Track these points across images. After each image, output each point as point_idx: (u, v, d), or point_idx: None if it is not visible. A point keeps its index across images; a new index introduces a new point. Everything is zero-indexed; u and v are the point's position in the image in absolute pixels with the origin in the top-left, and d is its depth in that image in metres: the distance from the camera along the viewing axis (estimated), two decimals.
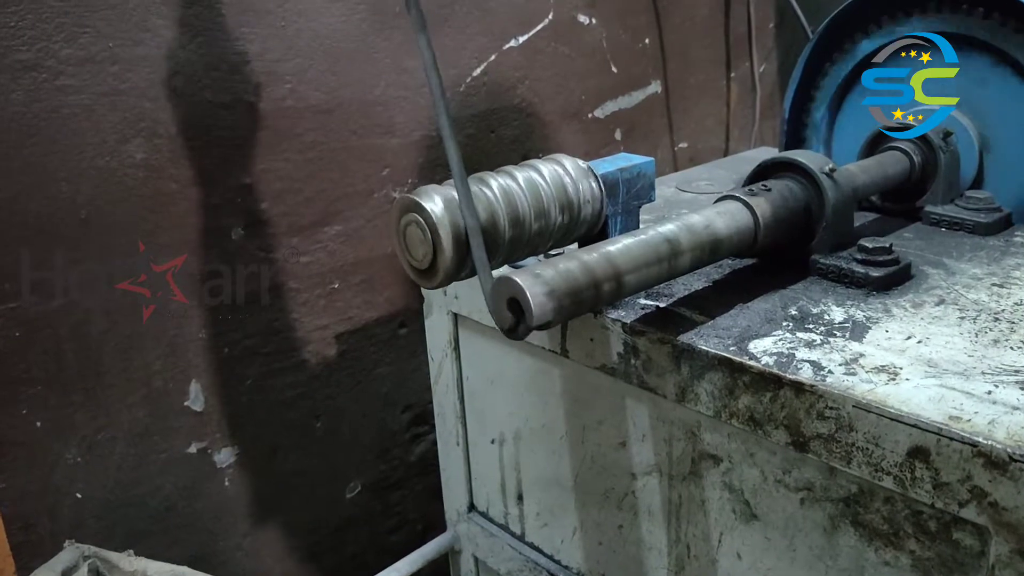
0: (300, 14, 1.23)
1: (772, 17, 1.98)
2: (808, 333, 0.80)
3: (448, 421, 1.19)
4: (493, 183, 0.81)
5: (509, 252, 0.82)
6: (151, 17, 1.10)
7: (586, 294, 0.70)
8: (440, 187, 0.79)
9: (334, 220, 1.35)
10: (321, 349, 1.40)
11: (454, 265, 0.76)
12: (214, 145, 1.19)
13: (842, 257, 0.92)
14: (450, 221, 0.75)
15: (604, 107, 1.71)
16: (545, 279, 0.68)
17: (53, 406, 1.13)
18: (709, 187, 1.35)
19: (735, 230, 0.84)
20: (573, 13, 1.60)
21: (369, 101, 1.34)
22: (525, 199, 0.82)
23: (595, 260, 0.72)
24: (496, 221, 0.79)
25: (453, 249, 0.76)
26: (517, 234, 0.81)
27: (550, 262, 0.70)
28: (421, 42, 0.76)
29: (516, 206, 0.81)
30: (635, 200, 0.92)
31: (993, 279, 0.91)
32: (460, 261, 0.77)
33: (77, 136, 1.07)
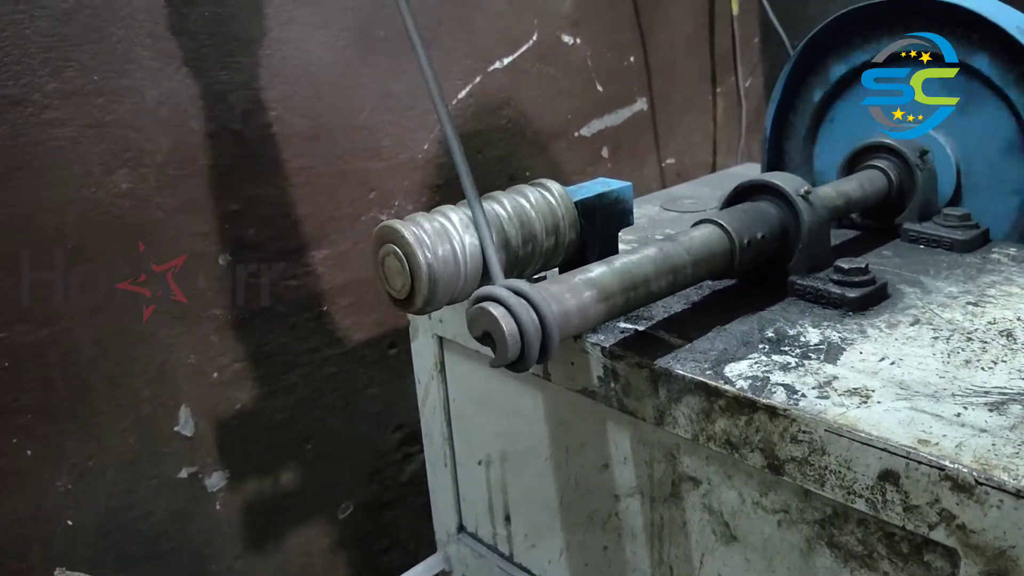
0: (284, 42, 1.24)
1: (757, 32, 2.00)
2: (783, 356, 0.81)
3: (436, 443, 1.20)
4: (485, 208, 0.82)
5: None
6: (135, 49, 1.11)
7: (560, 321, 0.71)
8: (416, 218, 0.80)
9: (322, 244, 1.36)
10: (311, 372, 1.41)
11: (430, 295, 0.77)
12: (200, 173, 1.20)
13: (819, 278, 0.93)
14: (425, 253, 0.77)
15: (590, 125, 1.72)
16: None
17: (43, 435, 1.14)
18: (693, 205, 1.36)
19: (712, 254, 0.86)
20: (557, 33, 1.61)
21: (355, 126, 1.35)
22: (514, 224, 0.83)
23: (569, 289, 0.73)
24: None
25: (429, 279, 0.77)
26: (501, 260, 0.83)
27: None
28: (422, 62, 0.77)
29: (504, 230, 0.83)
30: (613, 225, 0.93)
31: (968, 297, 0.92)
32: (436, 291, 0.78)
33: (63, 168, 1.08)
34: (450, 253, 0.79)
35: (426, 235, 0.79)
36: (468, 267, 0.80)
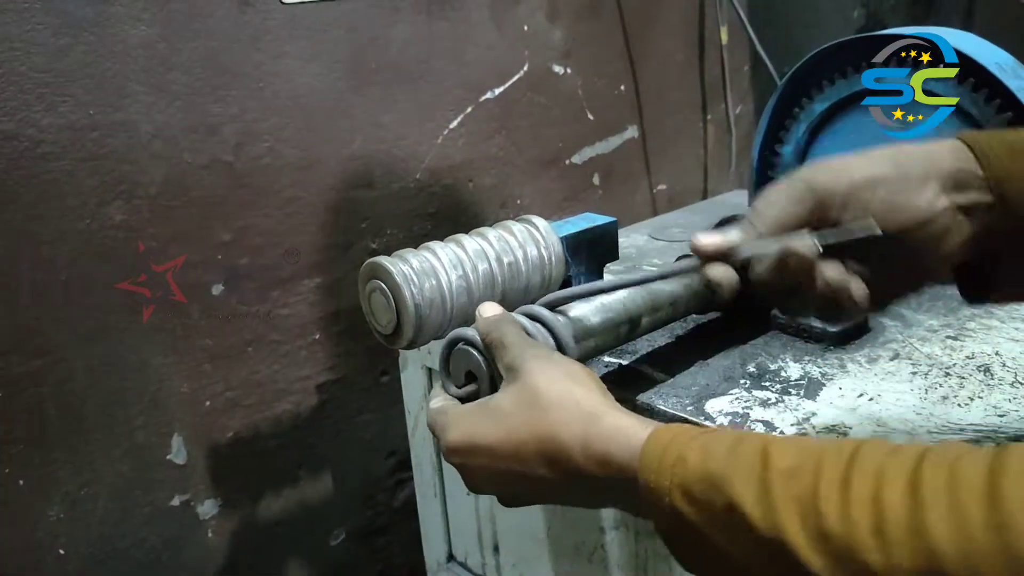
0: (277, 75, 1.26)
1: (747, 60, 2.02)
2: (764, 391, 0.82)
3: (425, 472, 1.21)
4: (469, 246, 0.84)
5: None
6: (129, 83, 1.13)
7: None
8: (403, 254, 0.82)
9: (314, 272, 1.38)
10: (303, 399, 1.42)
11: (416, 332, 0.79)
12: (193, 204, 1.21)
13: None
14: (412, 290, 0.78)
15: (582, 153, 1.74)
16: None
17: (36, 464, 1.14)
18: (681, 235, 1.38)
19: (692, 292, 0.87)
20: (548, 64, 1.63)
21: (346, 156, 1.37)
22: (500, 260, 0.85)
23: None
24: (469, 285, 0.82)
25: (415, 316, 0.78)
26: (488, 296, 0.84)
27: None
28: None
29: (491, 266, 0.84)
30: (599, 260, 0.95)
31: (948, 331, 0.93)
32: (422, 328, 0.79)
33: (58, 200, 1.09)
34: (436, 291, 0.81)
35: (413, 272, 0.80)
36: (454, 304, 0.82)
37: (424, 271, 0.81)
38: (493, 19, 1.52)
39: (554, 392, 0.59)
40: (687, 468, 0.50)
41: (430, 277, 0.81)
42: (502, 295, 0.86)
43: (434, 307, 0.80)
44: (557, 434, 0.57)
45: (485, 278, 0.84)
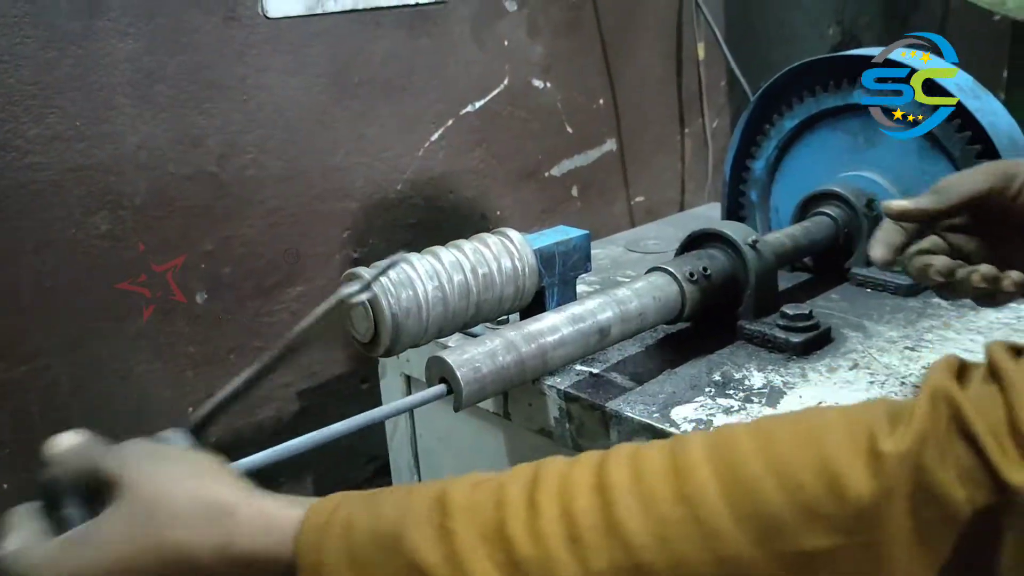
0: (261, 88, 1.29)
1: (723, 75, 2.06)
2: (728, 399, 0.86)
3: (404, 477, 1.23)
4: (445, 258, 0.87)
5: (462, 324, 0.89)
6: (116, 96, 1.15)
7: (513, 371, 0.76)
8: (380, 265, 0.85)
9: (296, 281, 1.40)
10: (285, 406, 1.44)
11: (393, 341, 0.82)
12: (177, 215, 1.24)
13: (766, 322, 0.98)
14: (389, 300, 0.81)
15: (561, 165, 1.77)
16: (473, 360, 0.74)
17: (21, 468, 1.16)
18: (656, 247, 1.42)
19: (662, 303, 0.90)
20: (528, 78, 1.67)
21: (329, 167, 1.40)
22: (475, 272, 0.88)
23: (523, 339, 0.78)
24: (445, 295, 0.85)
25: (392, 326, 0.81)
26: (464, 306, 0.87)
27: (478, 341, 0.76)
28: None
29: (466, 277, 0.87)
30: (571, 272, 0.98)
31: (907, 342, 0.97)
32: (399, 336, 0.82)
33: (44, 210, 1.12)
34: (413, 300, 0.83)
35: (390, 282, 0.83)
36: (431, 314, 0.85)
37: (401, 282, 0.84)
38: (474, 34, 1.56)
39: (178, 495, 0.50)
40: (354, 534, 0.46)
41: (407, 288, 0.84)
42: (476, 305, 0.89)
43: (411, 316, 0.83)
44: (183, 545, 0.48)
45: (460, 288, 0.87)
